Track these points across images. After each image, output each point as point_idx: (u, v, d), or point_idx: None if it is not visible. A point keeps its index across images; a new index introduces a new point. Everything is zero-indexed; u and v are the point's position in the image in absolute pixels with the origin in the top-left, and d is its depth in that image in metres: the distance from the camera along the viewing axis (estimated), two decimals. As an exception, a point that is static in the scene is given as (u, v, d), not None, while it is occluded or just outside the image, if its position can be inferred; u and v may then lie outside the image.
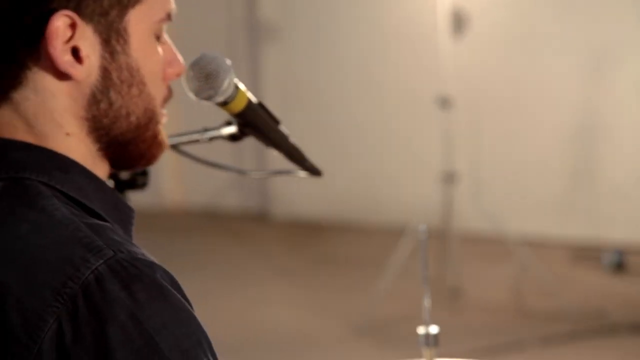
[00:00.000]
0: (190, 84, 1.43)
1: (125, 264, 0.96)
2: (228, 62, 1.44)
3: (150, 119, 1.12)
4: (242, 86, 1.47)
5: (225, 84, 1.43)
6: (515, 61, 5.13)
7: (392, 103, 5.45)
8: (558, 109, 5.09)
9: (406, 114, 5.42)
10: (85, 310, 0.93)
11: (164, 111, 1.15)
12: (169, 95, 1.16)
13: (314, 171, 1.62)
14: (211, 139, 1.57)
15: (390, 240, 4.93)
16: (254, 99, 1.50)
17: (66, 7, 1.03)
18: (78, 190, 1.05)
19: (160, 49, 1.13)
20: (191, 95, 1.45)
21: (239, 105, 1.47)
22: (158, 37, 1.12)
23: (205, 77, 1.42)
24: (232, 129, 1.55)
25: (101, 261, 0.96)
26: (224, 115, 1.52)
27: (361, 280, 4.65)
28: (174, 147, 1.64)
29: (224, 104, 1.45)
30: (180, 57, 1.17)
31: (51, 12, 1.03)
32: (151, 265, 0.98)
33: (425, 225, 1.64)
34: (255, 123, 1.52)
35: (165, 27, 1.14)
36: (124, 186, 1.64)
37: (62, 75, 1.05)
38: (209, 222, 5.87)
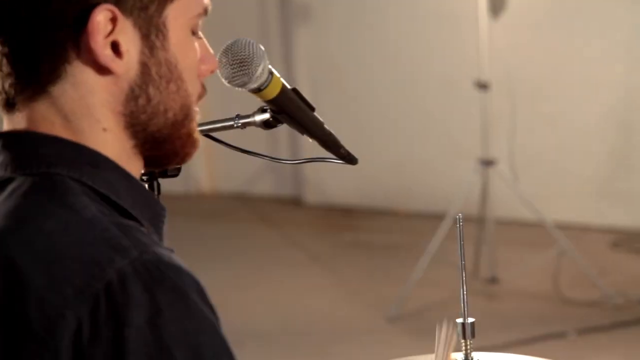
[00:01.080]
0: (223, 71, 1.40)
1: (150, 266, 0.95)
2: (262, 47, 1.41)
3: (186, 115, 1.11)
4: (276, 72, 1.44)
5: (260, 70, 1.40)
6: (554, 43, 5.04)
7: (428, 86, 5.39)
8: (598, 93, 5.00)
9: (442, 97, 5.35)
10: (105, 311, 0.93)
11: (197, 109, 1.15)
12: (203, 93, 1.15)
13: (349, 159, 1.58)
14: (244, 125, 1.54)
15: (425, 226, 4.88)
16: (288, 86, 1.47)
17: (107, 1, 1.03)
18: (109, 186, 1.04)
19: (196, 45, 1.12)
20: (224, 82, 1.42)
21: (272, 92, 1.44)
22: (194, 33, 1.12)
23: (239, 63, 1.40)
24: (265, 116, 1.52)
25: (126, 261, 0.95)
26: (257, 101, 1.49)
27: (395, 267, 4.62)
28: (207, 134, 1.61)
29: (257, 91, 1.43)
30: (213, 54, 1.17)
31: (93, 6, 1.02)
32: (176, 269, 0.96)
33: (462, 215, 1.61)
34: (289, 110, 1.49)
35: (200, 22, 1.13)
36: (155, 175, 1.60)
37: (102, 70, 1.05)
38: (241, 208, 5.85)
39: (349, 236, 5.23)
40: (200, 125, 1.59)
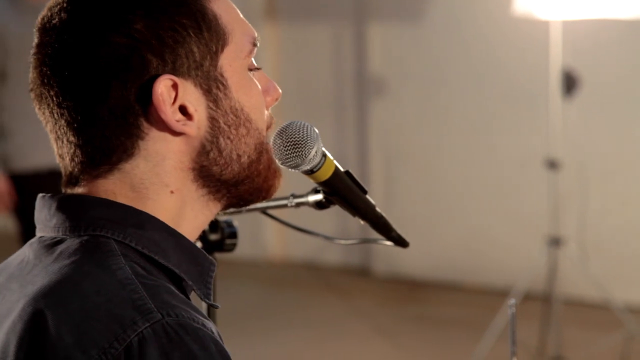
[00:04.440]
0: (277, 152, 1.44)
1: (169, 329, 0.98)
2: (316, 130, 1.45)
3: (260, 152, 1.15)
4: (329, 154, 1.47)
5: (313, 152, 1.42)
6: (626, 122, 5.01)
7: (499, 162, 5.39)
8: (671, 174, 4.94)
9: (513, 174, 5.34)
10: None
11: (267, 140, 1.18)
12: (271, 121, 1.18)
13: (400, 242, 1.61)
14: (298, 205, 1.58)
15: (492, 302, 4.84)
16: (341, 168, 1.50)
17: (164, 72, 1.07)
18: (155, 246, 1.08)
19: (256, 81, 1.15)
20: (278, 163, 1.46)
21: (325, 174, 1.46)
22: (250, 69, 1.14)
23: (292, 145, 1.42)
24: (318, 197, 1.55)
25: (147, 324, 0.98)
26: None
27: (460, 343, 4.57)
28: (264, 211, 1.66)
29: (310, 173, 1.45)
30: (274, 82, 1.19)
31: (152, 79, 1.06)
32: (195, 330, 1.00)
33: (514, 301, 1.61)
34: (342, 192, 1.51)
35: (253, 55, 1.15)
36: (212, 248, 1.66)
37: (175, 135, 1.08)
38: (309, 276, 5.87)
39: (415, 309, 5.20)
40: (257, 203, 1.65)
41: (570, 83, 4.39)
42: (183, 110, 1.08)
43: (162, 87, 1.06)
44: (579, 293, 4.87)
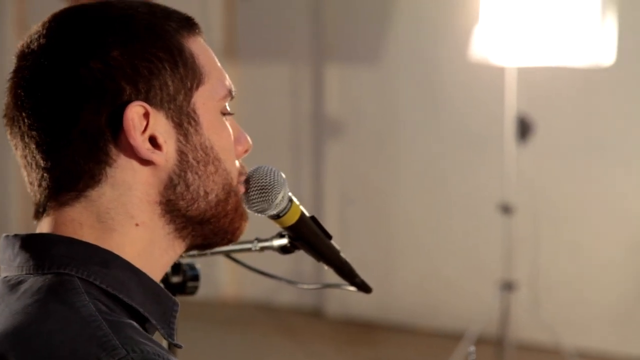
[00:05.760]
0: (243, 196, 1.44)
1: None
2: (283, 175, 1.46)
3: (229, 193, 1.16)
4: (295, 200, 1.48)
5: (279, 197, 1.43)
6: (581, 170, 5.08)
7: (453, 206, 5.42)
8: (622, 221, 5.00)
9: (467, 218, 5.38)
10: None
11: (241, 187, 1.19)
12: (242, 171, 1.20)
13: (363, 287, 1.62)
14: (262, 249, 1.58)
15: (445, 345, 4.84)
16: (307, 213, 1.51)
17: (136, 99, 1.08)
18: (119, 285, 1.08)
19: (229, 125, 1.17)
20: (244, 207, 1.46)
21: (291, 219, 1.48)
22: (223, 114, 1.16)
23: (259, 189, 1.43)
24: (283, 242, 1.56)
25: None
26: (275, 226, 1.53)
27: (413, 386, 4.57)
28: (227, 254, 1.65)
29: (276, 217, 1.46)
30: (245, 133, 1.21)
31: (124, 105, 1.07)
32: None
33: (474, 347, 1.62)
34: (307, 237, 1.52)
35: (228, 103, 1.17)
36: (173, 290, 1.65)
37: (142, 165, 1.09)
38: (262, 317, 5.84)
39: (368, 351, 5.19)
40: (220, 246, 1.64)
41: (524, 128, 4.45)
42: (153, 141, 1.09)
43: (134, 113, 1.07)
44: (531, 338, 4.90)
